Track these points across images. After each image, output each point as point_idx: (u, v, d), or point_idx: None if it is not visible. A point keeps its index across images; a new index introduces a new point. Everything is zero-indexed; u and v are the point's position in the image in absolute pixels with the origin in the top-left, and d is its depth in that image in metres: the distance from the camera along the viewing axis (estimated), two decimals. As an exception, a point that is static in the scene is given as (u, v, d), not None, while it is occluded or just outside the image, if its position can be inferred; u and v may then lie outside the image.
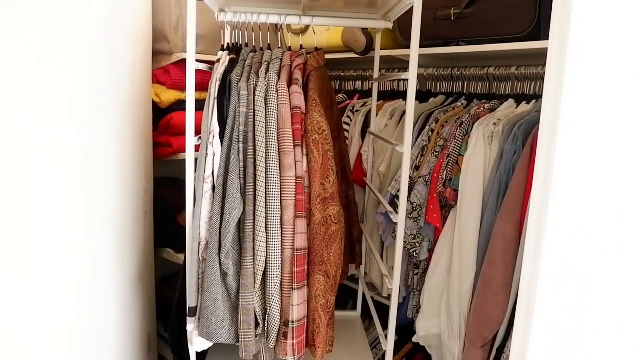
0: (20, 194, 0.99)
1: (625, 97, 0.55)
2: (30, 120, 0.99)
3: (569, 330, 0.61)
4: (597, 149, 0.57)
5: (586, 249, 0.59)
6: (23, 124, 0.98)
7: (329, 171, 1.10)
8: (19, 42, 0.95)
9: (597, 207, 0.58)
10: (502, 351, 1.22)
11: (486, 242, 1.23)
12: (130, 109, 1.30)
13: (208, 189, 1.10)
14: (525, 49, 1.32)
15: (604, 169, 0.57)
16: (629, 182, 0.56)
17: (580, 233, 0.59)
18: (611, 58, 0.55)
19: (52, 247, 1.07)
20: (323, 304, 1.11)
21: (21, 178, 0.99)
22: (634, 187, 0.56)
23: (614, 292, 0.58)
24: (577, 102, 0.57)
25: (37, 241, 1.03)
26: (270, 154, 1.06)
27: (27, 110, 0.98)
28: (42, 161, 1.02)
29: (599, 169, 0.57)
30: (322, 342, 1.12)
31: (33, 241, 1.02)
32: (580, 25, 0.55)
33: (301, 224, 1.07)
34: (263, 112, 1.07)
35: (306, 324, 1.12)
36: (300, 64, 1.15)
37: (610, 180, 0.57)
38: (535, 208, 0.62)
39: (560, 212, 0.59)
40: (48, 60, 1.01)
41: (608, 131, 0.56)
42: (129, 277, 1.35)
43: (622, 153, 0.56)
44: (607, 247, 0.58)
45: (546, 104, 0.60)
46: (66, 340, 1.13)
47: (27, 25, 0.96)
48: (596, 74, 0.56)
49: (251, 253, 1.06)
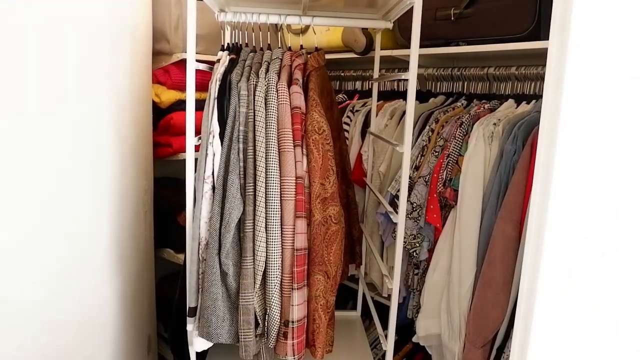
0: (20, 194, 0.99)
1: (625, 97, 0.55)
2: (29, 120, 0.99)
3: (569, 330, 0.61)
4: (597, 149, 0.57)
5: (586, 249, 0.59)
6: (23, 124, 0.98)
7: (329, 171, 1.10)
8: (18, 41, 0.94)
9: (597, 207, 0.58)
10: (502, 351, 1.22)
11: (486, 242, 1.23)
12: (130, 109, 1.30)
13: (208, 189, 1.10)
14: (525, 49, 1.32)
15: (604, 169, 0.57)
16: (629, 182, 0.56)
17: (580, 233, 0.59)
18: (611, 58, 0.55)
19: (52, 247, 1.07)
20: (323, 304, 1.11)
21: (21, 178, 0.99)
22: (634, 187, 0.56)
23: (614, 292, 0.58)
24: (577, 102, 0.57)
25: (37, 241, 1.03)
26: (270, 154, 1.06)
27: (27, 110, 0.98)
28: (41, 161, 1.02)
29: (599, 169, 0.57)
30: (322, 342, 1.12)
31: (33, 241, 1.02)
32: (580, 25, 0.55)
33: (301, 224, 1.07)
34: (263, 112, 1.07)
35: (306, 324, 1.12)
36: (300, 64, 1.15)
37: (610, 180, 0.57)
38: (535, 208, 0.62)
39: (560, 212, 0.59)
40: (48, 60, 1.01)
41: (608, 131, 0.56)
42: (129, 277, 1.35)
43: (622, 153, 0.56)
44: (607, 247, 0.58)
45: (546, 104, 0.60)
46: (66, 340, 1.13)
47: (27, 25, 0.95)
48: (596, 74, 0.56)
49: (251, 253, 1.06)
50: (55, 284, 1.08)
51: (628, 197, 0.56)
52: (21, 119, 0.97)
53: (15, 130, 0.96)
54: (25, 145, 0.98)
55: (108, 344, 1.27)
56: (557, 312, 0.61)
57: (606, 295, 0.59)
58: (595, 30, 0.55)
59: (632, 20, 0.54)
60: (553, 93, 0.59)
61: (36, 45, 0.98)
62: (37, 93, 0.99)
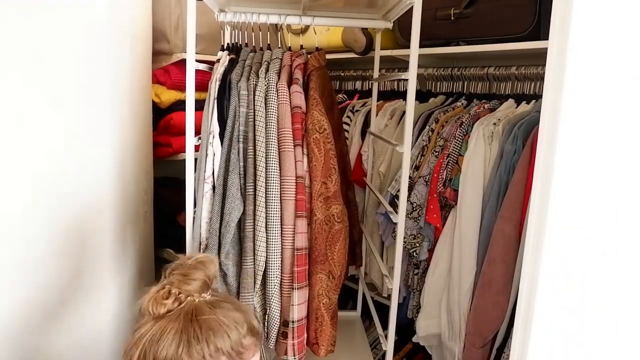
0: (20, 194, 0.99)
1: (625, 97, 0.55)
2: (29, 121, 0.99)
3: (569, 330, 0.61)
4: (597, 149, 0.57)
5: (586, 249, 0.59)
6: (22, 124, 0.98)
7: (331, 170, 1.10)
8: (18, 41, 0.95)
9: (597, 207, 0.58)
10: (502, 351, 1.22)
11: (486, 242, 1.23)
12: (130, 109, 1.29)
13: (208, 189, 1.09)
14: (525, 49, 1.32)
15: (604, 169, 0.57)
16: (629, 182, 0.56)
17: (580, 233, 0.59)
18: (611, 58, 0.55)
19: (52, 247, 1.07)
20: (326, 302, 1.11)
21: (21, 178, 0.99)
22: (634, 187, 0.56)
23: (614, 292, 0.58)
24: (577, 102, 0.57)
25: (37, 241, 1.03)
26: (271, 153, 1.06)
27: (27, 110, 0.98)
28: (41, 161, 1.02)
29: (599, 169, 0.57)
30: (326, 340, 1.12)
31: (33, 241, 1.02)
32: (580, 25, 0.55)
33: (301, 224, 1.07)
34: (263, 112, 1.07)
35: (308, 323, 1.12)
36: (300, 64, 1.14)
37: (610, 180, 0.57)
38: (535, 208, 0.62)
39: (560, 212, 0.59)
40: (48, 60, 1.01)
41: (608, 131, 0.56)
42: (129, 277, 1.35)
43: (622, 153, 0.56)
44: (607, 247, 0.58)
45: (546, 104, 0.60)
46: (66, 341, 1.13)
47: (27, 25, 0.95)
48: (596, 74, 0.56)
49: (251, 253, 1.06)
50: (55, 284, 1.08)
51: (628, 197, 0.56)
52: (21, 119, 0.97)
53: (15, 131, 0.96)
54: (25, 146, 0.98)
55: (108, 344, 1.27)
56: (557, 312, 0.61)
57: (606, 295, 0.59)
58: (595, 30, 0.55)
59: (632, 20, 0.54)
60: (553, 93, 0.59)
61: (36, 45, 0.97)
62: (37, 93, 0.99)
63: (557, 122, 0.58)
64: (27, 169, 0.99)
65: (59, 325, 1.11)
